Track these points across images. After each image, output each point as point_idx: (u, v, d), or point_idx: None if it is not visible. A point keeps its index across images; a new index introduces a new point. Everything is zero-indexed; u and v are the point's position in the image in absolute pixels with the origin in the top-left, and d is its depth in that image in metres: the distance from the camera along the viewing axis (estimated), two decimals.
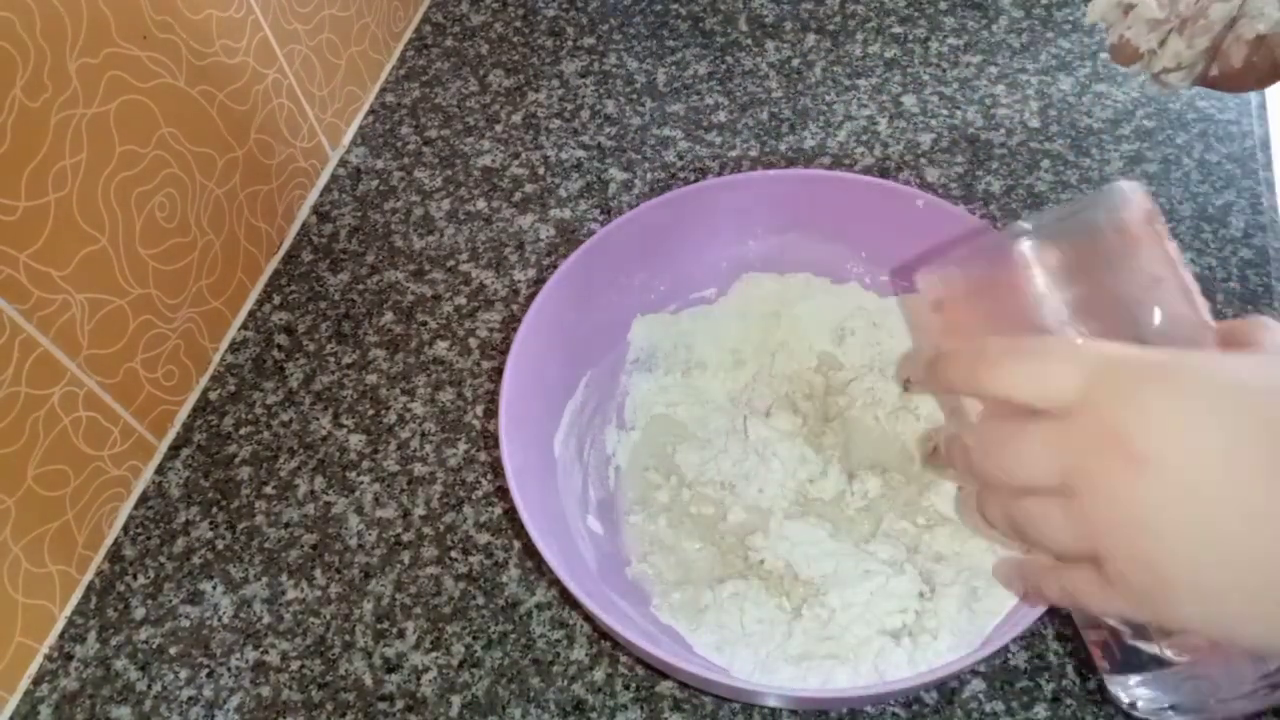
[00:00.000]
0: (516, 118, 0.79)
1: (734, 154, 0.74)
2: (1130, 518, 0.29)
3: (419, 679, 0.53)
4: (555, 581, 0.55)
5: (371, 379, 0.65)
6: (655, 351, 0.59)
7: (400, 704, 0.52)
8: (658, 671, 0.52)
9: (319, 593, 0.57)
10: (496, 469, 0.60)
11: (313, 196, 0.76)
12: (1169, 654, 0.35)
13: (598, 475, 0.56)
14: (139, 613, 0.57)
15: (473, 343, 0.66)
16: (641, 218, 0.55)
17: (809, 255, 0.58)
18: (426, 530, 0.58)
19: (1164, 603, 0.29)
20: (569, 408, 0.55)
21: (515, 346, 0.50)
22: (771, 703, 0.48)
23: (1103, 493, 0.29)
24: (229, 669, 0.54)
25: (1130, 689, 0.36)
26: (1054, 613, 0.45)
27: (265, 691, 0.53)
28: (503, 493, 0.59)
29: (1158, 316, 0.34)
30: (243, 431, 0.64)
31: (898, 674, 0.45)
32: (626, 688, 0.51)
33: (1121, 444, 0.28)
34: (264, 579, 0.57)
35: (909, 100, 0.76)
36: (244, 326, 0.69)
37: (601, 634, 0.53)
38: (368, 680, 0.53)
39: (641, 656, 0.45)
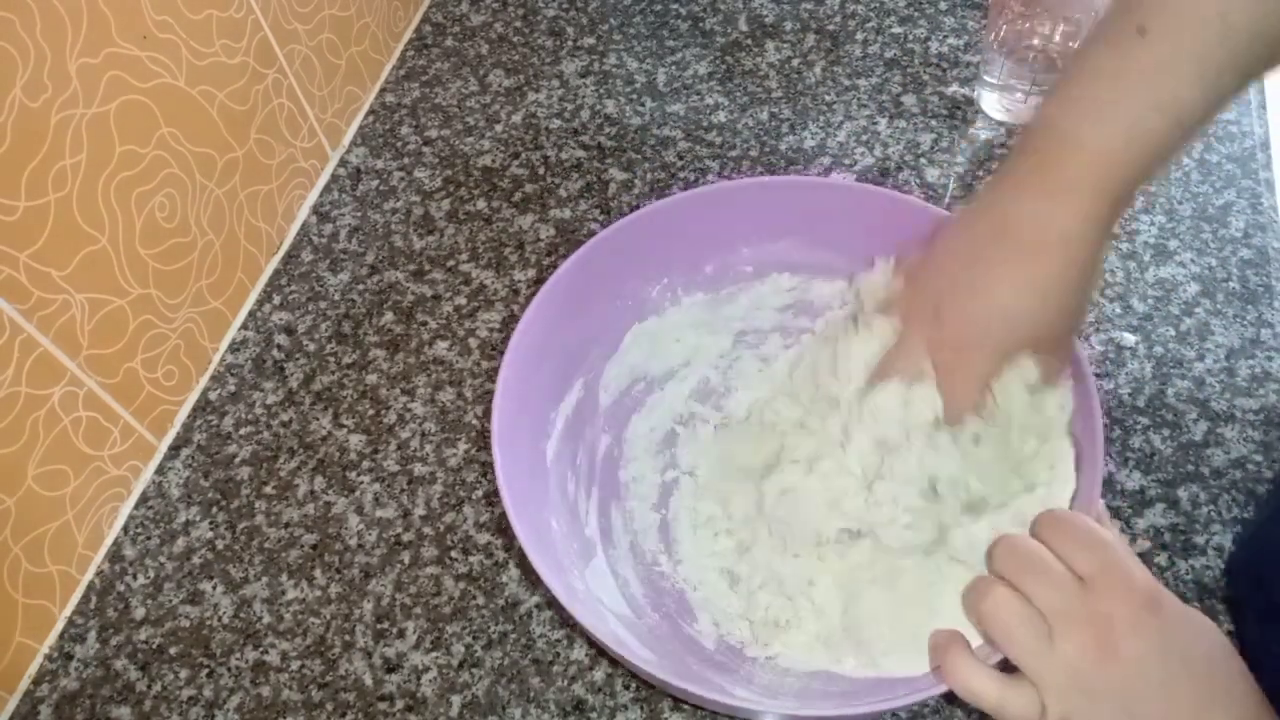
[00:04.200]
0: (516, 118, 0.79)
1: (734, 154, 0.74)
2: (1084, 687, 0.36)
3: (419, 679, 0.53)
4: None
5: (371, 379, 0.65)
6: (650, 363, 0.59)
7: (400, 704, 0.52)
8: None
9: (319, 593, 0.57)
10: None
11: (313, 196, 0.76)
12: None
13: (586, 479, 0.55)
14: (139, 613, 0.57)
15: (473, 343, 0.66)
16: (638, 222, 0.54)
17: (803, 259, 0.58)
18: (426, 530, 0.58)
19: None
20: (562, 413, 0.55)
21: (508, 355, 0.49)
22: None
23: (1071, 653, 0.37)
24: (229, 669, 0.54)
25: None
26: None
27: (265, 691, 0.53)
28: None
29: None
30: (243, 431, 0.64)
31: (901, 673, 0.45)
32: (626, 688, 0.51)
33: (1110, 632, 0.36)
34: (264, 579, 0.57)
35: (909, 100, 0.76)
36: (244, 326, 0.69)
37: None
38: (368, 680, 0.53)
39: (635, 672, 0.44)
